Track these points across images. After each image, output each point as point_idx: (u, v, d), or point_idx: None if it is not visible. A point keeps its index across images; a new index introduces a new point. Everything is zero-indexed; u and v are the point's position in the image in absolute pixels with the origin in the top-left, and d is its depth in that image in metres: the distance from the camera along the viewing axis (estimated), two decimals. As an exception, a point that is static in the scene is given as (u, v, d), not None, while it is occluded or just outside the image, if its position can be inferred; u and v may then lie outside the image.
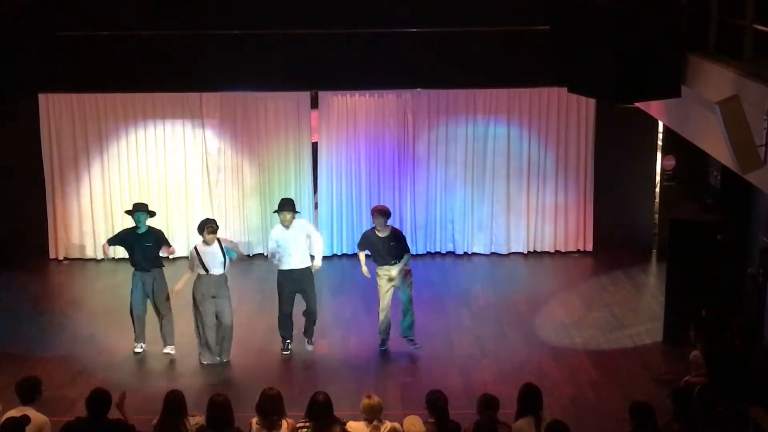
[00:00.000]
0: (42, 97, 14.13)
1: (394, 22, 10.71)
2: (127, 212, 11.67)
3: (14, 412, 7.52)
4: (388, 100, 14.64)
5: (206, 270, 11.04)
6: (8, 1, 9.65)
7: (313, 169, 14.91)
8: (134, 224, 11.40)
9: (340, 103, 14.64)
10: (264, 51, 10.84)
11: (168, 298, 11.40)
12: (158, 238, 11.48)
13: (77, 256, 14.94)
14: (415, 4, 10.78)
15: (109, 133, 14.58)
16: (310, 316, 11.53)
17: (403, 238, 11.46)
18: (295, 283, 11.35)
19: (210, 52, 10.88)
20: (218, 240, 11.09)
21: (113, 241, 11.72)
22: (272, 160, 14.79)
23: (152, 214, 11.56)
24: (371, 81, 12.14)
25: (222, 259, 11.05)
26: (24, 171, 14.58)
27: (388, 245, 11.19)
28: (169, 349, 11.46)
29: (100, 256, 14.70)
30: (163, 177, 14.76)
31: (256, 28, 10.70)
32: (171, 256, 12.28)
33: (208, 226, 11.06)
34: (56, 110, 14.50)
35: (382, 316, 11.38)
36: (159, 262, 11.45)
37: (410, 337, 11.46)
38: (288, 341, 11.48)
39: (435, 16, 10.71)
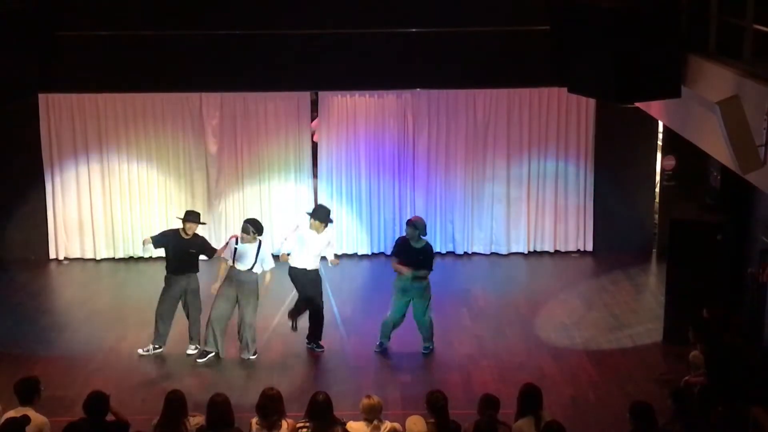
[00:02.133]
0: (42, 97, 14.11)
1: (394, 22, 10.71)
2: (180, 218, 11.49)
3: (13, 413, 7.52)
4: (388, 100, 14.64)
5: (233, 260, 11.17)
6: (8, 1, 9.65)
7: (313, 169, 14.91)
8: (180, 226, 11.32)
9: (340, 103, 14.64)
10: (264, 51, 10.84)
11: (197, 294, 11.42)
12: (203, 247, 11.45)
13: (77, 256, 14.93)
14: (415, 4, 10.78)
15: (109, 133, 14.57)
16: (314, 317, 11.53)
17: (431, 256, 11.39)
18: (297, 281, 11.40)
19: (210, 52, 10.87)
20: (260, 242, 11.19)
21: (158, 239, 11.44)
22: (272, 160, 14.78)
23: (202, 224, 11.52)
24: (371, 81, 12.14)
25: (251, 260, 11.12)
26: (24, 171, 14.57)
27: (418, 259, 11.22)
28: (191, 348, 11.48)
29: (100, 256, 14.75)
30: (164, 177, 14.76)
31: (257, 28, 10.70)
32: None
33: (244, 226, 11.19)
34: (56, 110, 14.49)
35: (388, 318, 11.45)
36: (196, 267, 11.41)
37: (428, 347, 11.54)
38: (295, 322, 11.45)
39: (435, 16, 10.71)
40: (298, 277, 11.37)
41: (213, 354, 11.32)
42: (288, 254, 11.52)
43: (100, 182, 14.72)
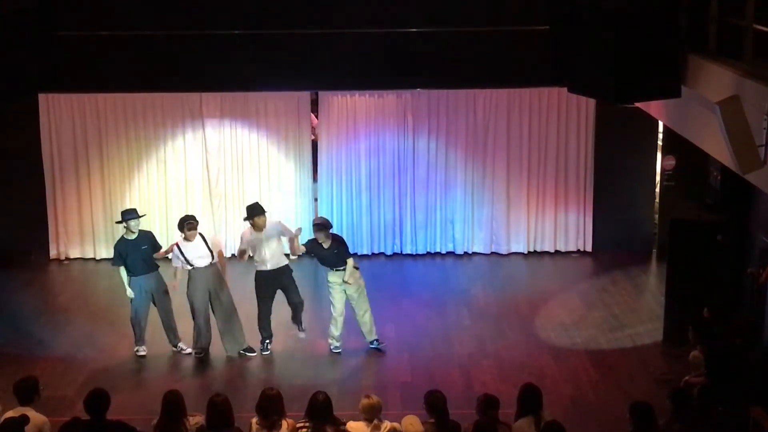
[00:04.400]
0: (42, 97, 14.11)
1: (394, 22, 10.70)
2: (119, 222, 11.50)
3: (12, 413, 7.52)
4: (388, 100, 14.63)
5: (190, 264, 11.18)
6: (8, 1, 9.65)
7: (313, 169, 14.91)
8: (122, 233, 11.31)
9: (340, 103, 14.64)
10: (264, 51, 10.83)
11: (166, 292, 11.44)
12: (152, 240, 11.47)
13: (77, 256, 14.94)
14: (416, 4, 10.78)
15: (109, 133, 14.57)
16: (296, 305, 11.55)
17: (344, 245, 11.40)
18: (273, 282, 11.39)
19: (210, 52, 10.87)
20: (200, 234, 11.25)
21: (118, 261, 11.31)
22: (272, 160, 14.79)
23: (142, 216, 11.52)
24: (371, 81, 12.13)
25: (206, 251, 11.19)
26: (24, 171, 14.57)
27: (333, 253, 11.20)
28: (182, 345, 11.53)
29: (100, 256, 14.77)
30: (163, 177, 14.76)
31: (256, 28, 10.69)
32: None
33: (187, 224, 11.18)
34: (56, 110, 14.50)
35: (339, 321, 11.41)
36: (155, 265, 11.43)
37: (376, 341, 11.48)
38: (267, 341, 11.53)
39: (435, 16, 10.70)
40: (275, 278, 11.36)
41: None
42: (249, 255, 11.51)
43: (100, 182, 14.72)
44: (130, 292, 11.29)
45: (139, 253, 11.23)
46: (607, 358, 11.36)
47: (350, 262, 11.28)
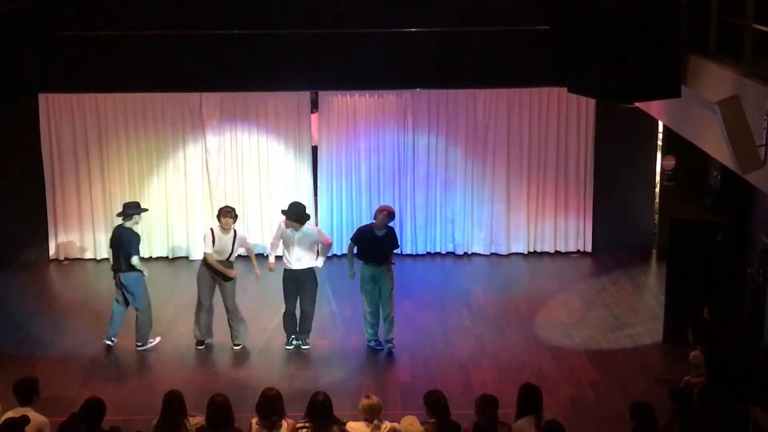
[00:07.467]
0: (42, 97, 14.12)
1: (394, 22, 10.69)
2: (120, 215, 11.55)
3: (12, 413, 7.53)
4: (388, 100, 14.63)
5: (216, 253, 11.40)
6: (8, 1, 9.64)
7: (313, 170, 14.91)
8: (119, 223, 11.45)
9: (340, 103, 14.64)
10: (264, 51, 10.83)
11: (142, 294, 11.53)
12: (136, 241, 11.49)
13: (77, 256, 14.93)
14: (415, 4, 10.77)
15: (109, 133, 14.57)
16: (306, 313, 11.57)
17: (396, 237, 11.59)
18: (296, 282, 11.44)
19: (210, 52, 10.86)
20: (234, 231, 11.43)
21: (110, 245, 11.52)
22: (272, 160, 14.79)
23: (144, 210, 11.73)
24: (371, 81, 12.12)
25: (228, 250, 11.36)
26: (24, 171, 14.57)
27: (382, 244, 11.25)
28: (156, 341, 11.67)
29: (100, 256, 14.77)
30: (164, 177, 14.76)
31: (256, 28, 10.68)
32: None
33: (224, 212, 11.42)
34: (56, 110, 14.50)
35: (369, 316, 11.46)
36: (133, 267, 11.43)
37: (390, 340, 11.48)
38: (292, 337, 11.57)
39: (434, 16, 10.70)
40: (297, 278, 11.40)
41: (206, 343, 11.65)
42: (272, 261, 11.69)
43: (100, 182, 14.72)
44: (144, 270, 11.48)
45: (125, 249, 11.31)
46: (607, 358, 11.37)
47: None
